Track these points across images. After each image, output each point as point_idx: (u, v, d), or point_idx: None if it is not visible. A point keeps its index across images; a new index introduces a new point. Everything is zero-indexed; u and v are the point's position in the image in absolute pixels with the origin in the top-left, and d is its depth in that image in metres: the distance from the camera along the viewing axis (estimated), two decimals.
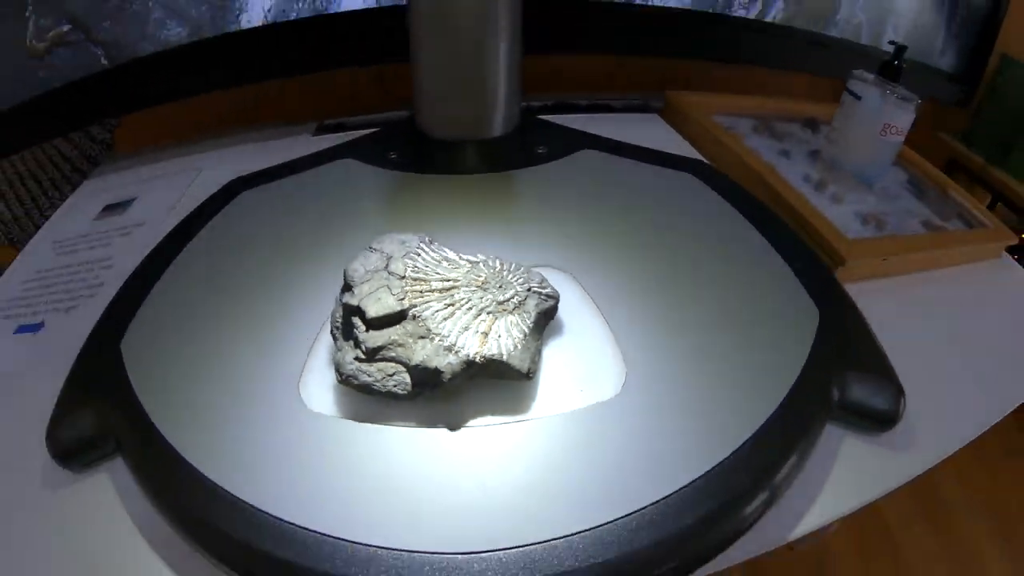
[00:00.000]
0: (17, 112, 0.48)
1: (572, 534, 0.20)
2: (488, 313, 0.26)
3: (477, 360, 0.24)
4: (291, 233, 0.35)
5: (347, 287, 0.27)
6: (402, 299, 0.25)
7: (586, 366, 0.27)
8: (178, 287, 0.32)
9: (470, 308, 0.26)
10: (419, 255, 0.28)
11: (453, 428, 0.25)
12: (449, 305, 0.26)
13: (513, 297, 0.26)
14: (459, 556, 0.20)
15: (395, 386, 0.24)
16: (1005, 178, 0.91)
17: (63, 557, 0.24)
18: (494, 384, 0.26)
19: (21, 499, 0.26)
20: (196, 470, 0.22)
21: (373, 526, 0.21)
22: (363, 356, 0.24)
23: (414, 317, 0.25)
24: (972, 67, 0.85)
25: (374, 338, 0.24)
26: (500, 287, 0.27)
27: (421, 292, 0.26)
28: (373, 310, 0.24)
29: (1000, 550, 0.90)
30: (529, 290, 0.27)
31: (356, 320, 0.25)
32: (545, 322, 0.28)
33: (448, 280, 0.27)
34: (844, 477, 0.27)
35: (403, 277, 0.26)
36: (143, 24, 0.50)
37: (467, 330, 0.25)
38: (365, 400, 0.25)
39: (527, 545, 0.20)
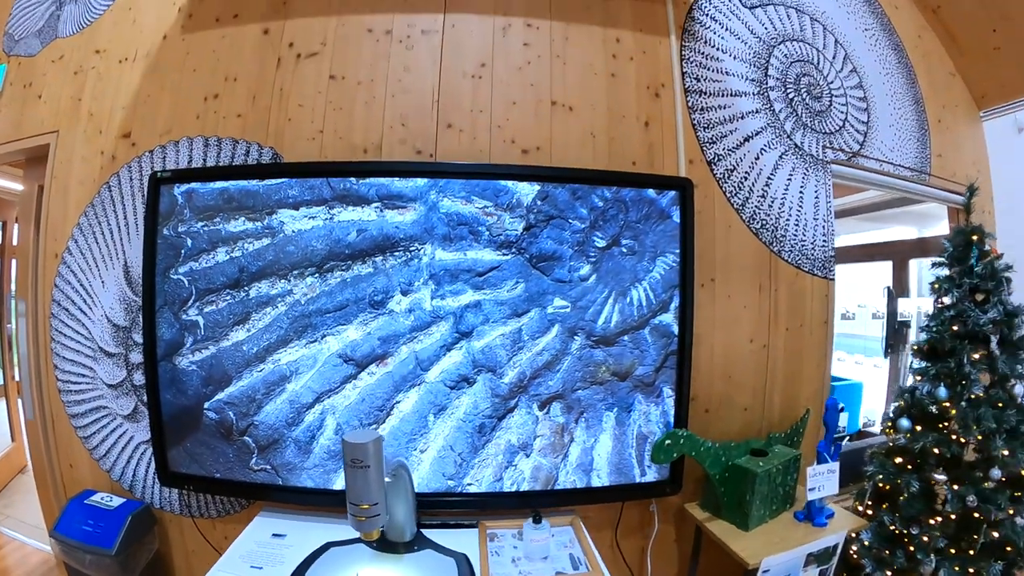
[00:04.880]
0: (230, 483, 1.64)
1: None
2: None
3: None
4: (348, 559, 1.39)
5: None
6: None
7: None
8: (316, 568, 1.34)
9: None
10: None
11: None
12: None
13: None
14: None
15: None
16: (713, 526, 1.76)
17: None
18: None
19: None
20: None
21: None
22: None
23: None
24: (672, 477, 1.80)
25: None
26: None
27: None
28: None
29: None
30: None
31: None
32: None
33: None
34: None
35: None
36: (299, 477, 1.65)
37: None
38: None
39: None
